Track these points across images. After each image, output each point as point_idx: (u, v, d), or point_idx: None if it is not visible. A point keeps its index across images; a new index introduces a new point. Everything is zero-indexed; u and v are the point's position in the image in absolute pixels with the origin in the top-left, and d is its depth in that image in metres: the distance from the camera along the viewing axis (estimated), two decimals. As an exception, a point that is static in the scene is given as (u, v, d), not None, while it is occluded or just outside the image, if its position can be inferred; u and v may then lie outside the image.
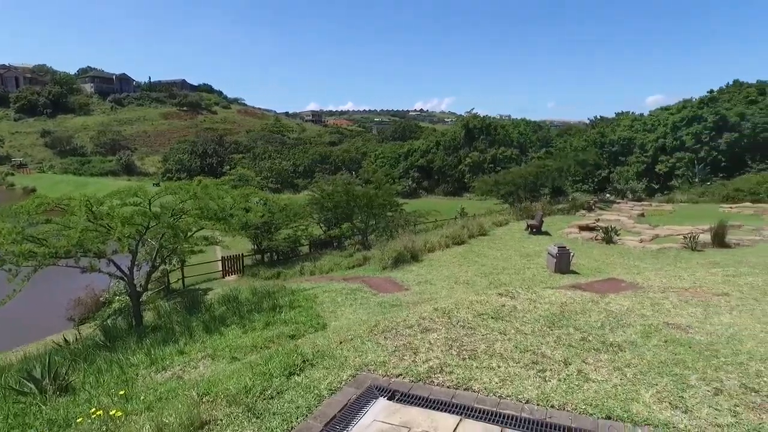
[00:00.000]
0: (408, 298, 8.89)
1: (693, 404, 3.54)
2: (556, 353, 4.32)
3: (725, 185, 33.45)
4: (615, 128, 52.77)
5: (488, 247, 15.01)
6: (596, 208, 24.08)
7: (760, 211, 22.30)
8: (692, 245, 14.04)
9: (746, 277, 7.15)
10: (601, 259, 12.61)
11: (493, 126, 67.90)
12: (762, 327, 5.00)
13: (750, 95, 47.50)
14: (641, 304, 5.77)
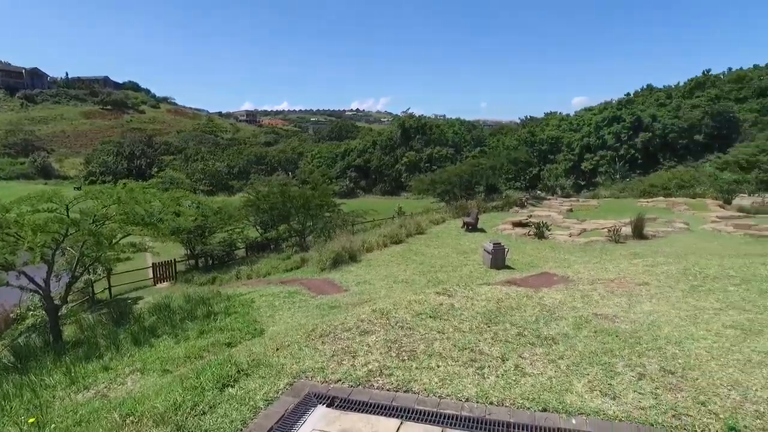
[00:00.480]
0: (347, 299, 8.80)
1: (620, 390, 3.70)
2: (493, 349, 4.39)
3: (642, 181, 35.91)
4: (544, 128, 55.23)
5: (426, 245, 15.19)
6: (528, 205, 25.02)
7: (671, 204, 24.08)
8: (615, 238, 14.89)
9: (662, 266, 7.63)
10: (534, 254, 13.08)
11: (428, 126, 69.11)
12: (677, 312, 5.33)
13: (660, 99, 51.29)
14: (572, 296, 6.01)
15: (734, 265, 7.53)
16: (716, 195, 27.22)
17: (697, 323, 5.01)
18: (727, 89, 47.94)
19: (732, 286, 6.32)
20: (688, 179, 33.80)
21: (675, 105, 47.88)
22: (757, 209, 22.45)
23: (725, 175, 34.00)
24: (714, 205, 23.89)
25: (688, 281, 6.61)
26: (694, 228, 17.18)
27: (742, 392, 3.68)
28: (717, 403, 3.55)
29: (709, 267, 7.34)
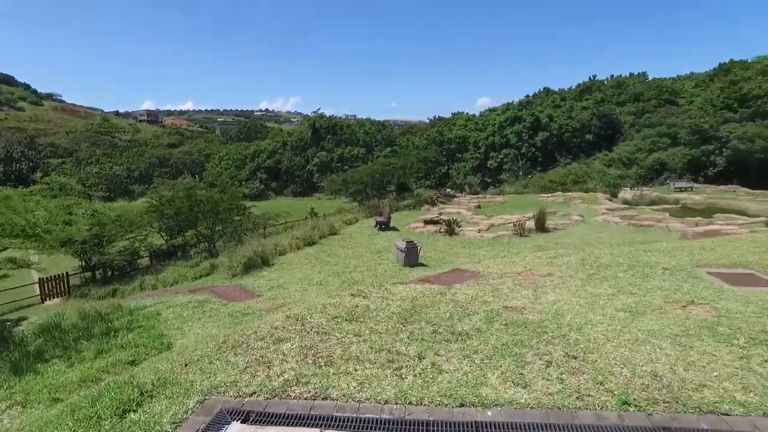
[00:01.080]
0: (260, 305, 8.53)
1: (530, 379, 3.89)
2: (410, 349, 4.44)
3: (542, 177, 38.41)
4: (452, 127, 57.26)
5: (339, 246, 15.14)
6: (439, 203, 25.79)
7: (568, 198, 25.98)
8: (521, 232, 15.76)
9: (563, 257, 8.19)
10: (445, 251, 13.49)
11: (339, 126, 69.05)
12: (577, 300, 5.73)
13: (555, 101, 55.22)
14: (483, 291, 6.25)
15: (622, 253, 8.26)
16: (605, 189, 29.80)
17: (594, 309, 5.42)
18: (609, 93, 52.65)
19: (621, 273, 6.91)
20: (581, 175, 36.69)
21: (568, 107, 51.79)
22: (637, 201, 24.90)
23: (611, 171, 37.33)
24: (603, 199, 26.12)
25: (585, 270, 7.13)
26: (588, 220, 18.65)
27: (631, 369, 4.03)
28: (612, 381, 3.85)
29: (602, 256, 7.98)
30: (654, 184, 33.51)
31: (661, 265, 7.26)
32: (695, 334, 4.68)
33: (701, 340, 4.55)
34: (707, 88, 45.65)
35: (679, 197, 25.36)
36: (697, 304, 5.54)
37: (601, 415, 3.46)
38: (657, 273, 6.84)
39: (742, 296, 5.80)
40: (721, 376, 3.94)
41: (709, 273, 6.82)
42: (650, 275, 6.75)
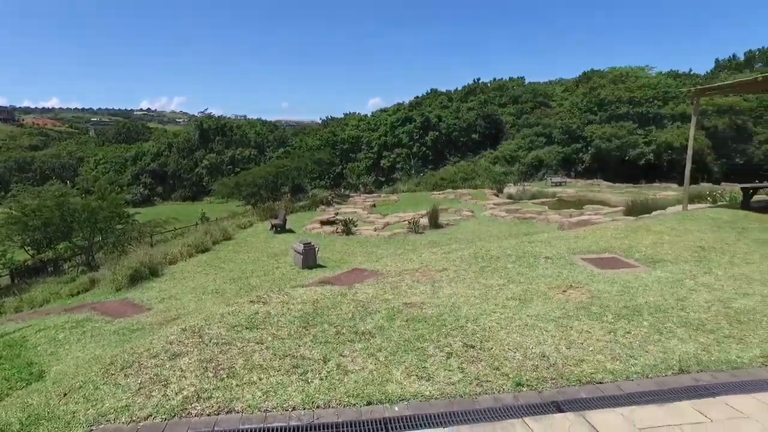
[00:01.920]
0: (151, 319, 7.95)
1: (433, 371, 4.05)
2: (314, 352, 4.40)
3: (434, 175, 40.02)
4: (344, 128, 57.54)
5: (234, 251, 14.59)
6: (334, 203, 25.83)
7: (459, 195, 27.33)
8: (416, 229, 16.28)
9: (457, 252, 8.60)
10: (344, 251, 13.54)
11: (229, 126, 66.43)
12: (472, 293, 6.07)
13: (443, 101, 57.80)
14: (383, 289, 6.37)
15: (510, 245, 8.87)
16: (491, 186, 31.80)
17: (487, 300, 5.77)
18: (492, 95, 56.23)
19: (510, 264, 7.43)
20: (470, 173, 38.80)
21: (455, 107, 54.44)
22: (520, 196, 26.89)
23: (497, 168, 39.94)
24: (491, 194, 27.84)
25: (478, 263, 7.56)
26: (477, 215, 19.77)
27: (523, 352, 4.36)
28: (507, 365, 4.13)
29: (492, 249, 8.51)
30: (534, 180, 36.43)
31: (544, 254, 7.91)
32: (574, 315, 5.18)
33: (579, 320, 5.04)
34: (573, 93, 50.51)
35: (555, 191, 27.80)
36: (574, 288, 6.13)
37: (498, 397, 3.71)
38: (540, 262, 7.45)
39: (609, 278, 6.52)
40: (595, 349, 4.40)
41: (582, 259, 7.58)
42: (535, 264, 7.33)
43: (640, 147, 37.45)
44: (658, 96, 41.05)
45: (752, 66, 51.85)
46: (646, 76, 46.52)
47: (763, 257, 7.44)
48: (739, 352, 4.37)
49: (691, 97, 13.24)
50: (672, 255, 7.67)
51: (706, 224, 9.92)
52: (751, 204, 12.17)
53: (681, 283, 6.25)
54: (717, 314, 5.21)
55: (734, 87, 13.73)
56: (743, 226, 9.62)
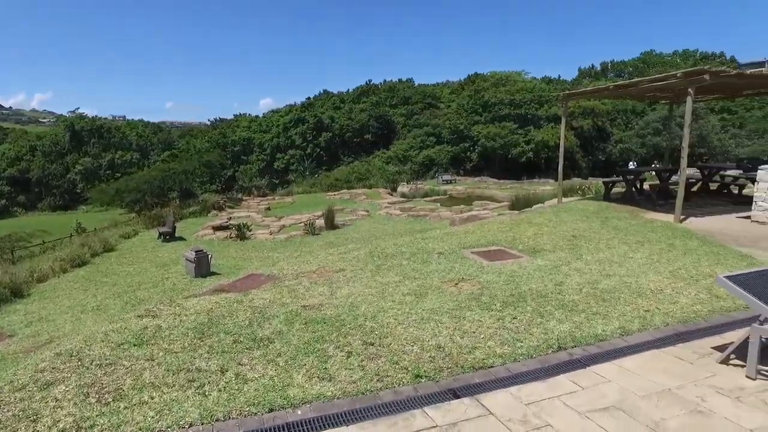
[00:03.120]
0: (15, 346, 7.10)
1: (334, 371, 4.08)
2: (211, 364, 4.23)
3: (328, 176, 40.07)
4: (235, 129, 55.55)
5: (118, 263, 13.49)
6: (227, 207, 24.86)
7: (354, 195, 27.64)
8: (312, 230, 16.19)
9: (353, 252, 8.71)
10: (239, 256, 13.11)
11: (106, 128, 61.14)
12: (369, 291, 6.19)
13: (335, 102, 58.00)
14: (281, 293, 6.27)
15: (404, 242, 9.16)
16: (386, 185, 32.56)
17: (384, 297, 5.91)
18: (384, 97, 57.54)
19: (405, 261, 7.68)
20: (364, 172, 39.39)
21: (348, 108, 54.91)
22: (413, 194, 27.83)
23: (390, 168, 40.99)
24: (385, 194, 28.49)
25: (374, 262, 7.71)
26: (373, 214, 20.13)
27: (420, 345, 4.54)
28: (405, 359, 4.28)
29: (387, 247, 8.72)
30: (426, 178, 37.93)
31: (437, 250, 8.28)
32: (466, 306, 5.49)
33: (471, 311, 5.36)
34: (460, 95, 53.32)
35: (446, 189, 29.17)
36: (466, 280, 6.50)
37: (399, 391, 3.83)
38: (434, 258, 7.79)
39: (496, 269, 7.00)
40: (486, 336, 4.72)
41: (472, 253, 8.05)
42: (428, 260, 7.65)
43: (520, 146, 40.55)
44: (535, 99, 44.75)
45: (606, 74, 58.54)
46: (523, 80, 50.50)
47: (621, 242, 8.45)
48: (603, 326, 4.94)
49: (560, 100, 14.62)
50: (550, 244, 8.42)
51: (577, 215, 11.01)
52: (611, 196, 13.73)
53: (558, 270, 6.89)
54: (587, 295, 5.83)
55: (593, 92, 15.40)
56: (606, 216, 10.83)
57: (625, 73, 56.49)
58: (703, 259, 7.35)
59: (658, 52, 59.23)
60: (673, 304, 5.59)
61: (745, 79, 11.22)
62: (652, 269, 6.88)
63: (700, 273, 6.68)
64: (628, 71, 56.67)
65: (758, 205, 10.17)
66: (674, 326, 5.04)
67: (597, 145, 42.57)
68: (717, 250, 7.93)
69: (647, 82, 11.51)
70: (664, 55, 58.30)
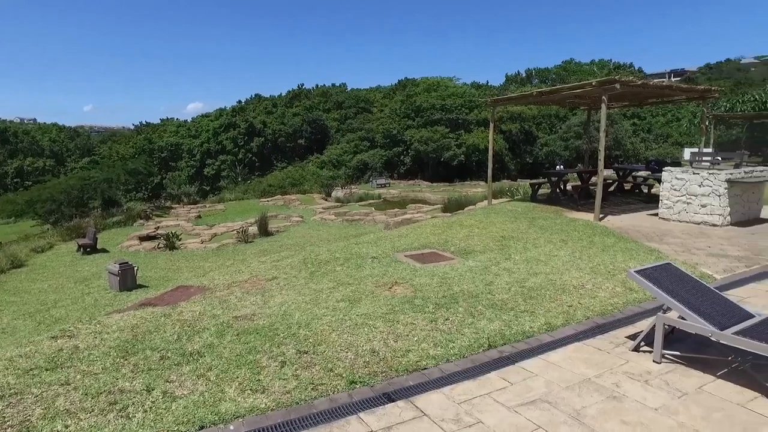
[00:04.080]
0: None
1: (268, 382, 3.99)
2: (136, 383, 4.01)
3: (261, 182, 39.24)
4: (162, 134, 53.17)
5: (29, 280, 12.51)
6: (154, 216, 23.74)
7: (288, 201, 27.25)
8: (245, 238, 15.80)
9: (287, 259, 8.58)
10: (167, 267, 12.55)
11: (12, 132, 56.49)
12: (303, 298, 6.12)
13: (267, 107, 56.97)
14: (211, 305, 6.06)
15: (338, 248, 9.14)
16: (320, 190, 32.32)
17: (318, 304, 5.87)
18: (317, 101, 57.19)
19: (339, 267, 7.66)
20: (298, 178, 38.91)
21: (280, 113, 54.05)
22: (348, 199, 27.82)
23: (324, 173, 40.76)
24: (319, 199, 28.29)
25: (307, 269, 7.64)
26: (307, 220, 19.93)
27: (354, 351, 4.55)
28: (340, 366, 4.27)
29: (321, 253, 8.67)
30: (360, 182, 38.01)
31: (371, 254, 8.33)
32: (400, 310, 5.56)
33: (404, 314, 5.43)
34: (392, 100, 53.94)
35: (380, 192, 29.36)
36: (399, 284, 6.58)
37: (334, 398, 3.81)
38: (368, 262, 7.83)
39: (429, 271, 7.14)
40: (419, 339, 4.80)
41: (406, 256, 8.16)
42: (362, 265, 7.67)
43: (452, 149, 41.59)
44: (465, 104, 46.09)
45: (532, 81, 61.50)
46: (454, 85, 51.91)
47: (546, 241, 8.88)
48: (530, 323, 5.17)
49: (489, 105, 15.19)
50: (481, 245, 8.70)
51: (506, 216, 11.45)
52: (537, 197, 14.41)
53: (488, 270, 7.14)
54: (515, 294, 6.08)
55: (519, 98, 16.12)
56: (533, 216, 11.34)
57: (549, 79, 59.57)
58: (618, 255, 7.87)
59: (577, 61, 63.02)
60: (593, 298, 5.95)
61: (648, 88, 12.19)
62: (575, 266, 7.28)
63: (616, 268, 7.14)
64: (551, 78, 59.82)
65: (663, 203, 11.04)
66: (594, 319, 5.36)
67: (524, 148, 44.49)
68: (631, 246, 8.52)
69: (567, 90, 12.20)
70: (582, 64, 62.03)
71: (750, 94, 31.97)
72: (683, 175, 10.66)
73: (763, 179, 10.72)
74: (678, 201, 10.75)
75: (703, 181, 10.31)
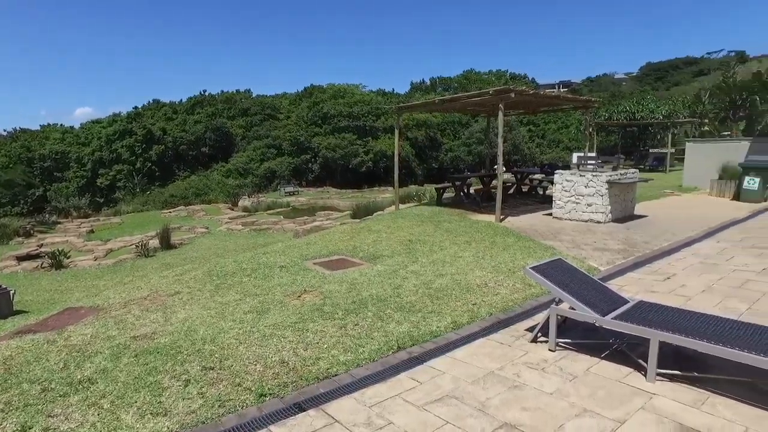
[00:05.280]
0: None
1: (171, 403, 3.77)
2: (7, 424, 3.59)
3: (162, 192, 37.08)
4: (44, 141, 48.32)
5: None
6: (36, 233, 21.55)
7: (192, 212, 25.99)
8: (145, 252, 14.82)
9: (190, 272, 8.16)
10: (53, 289, 11.42)
11: None
12: (208, 312, 5.85)
13: (167, 113, 53.97)
14: (105, 326, 5.60)
15: (245, 258, 8.86)
16: (226, 199, 31.18)
17: (225, 317, 5.65)
18: (221, 108, 55.06)
19: (246, 278, 7.42)
20: (202, 187, 37.25)
21: (181, 119, 51.35)
22: (256, 207, 27.10)
23: (230, 181, 39.37)
24: (226, 208, 27.29)
25: (213, 281, 7.32)
26: (213, 230, 19.12)
27: (263, 363, 4.43)
28: (249, 379, 4.13)
29: (227, 265, 8.35)
30: (268, 191, 37.19)
31: (279, 263, 8.16)
32: (309, 318, 5.50)
33: (314, 322, 5.38)
34: (299, 106, 53.38)
35: (289, 200, 28.91)
36: (308, 292, 6.50)
37: (243, 413, 3.68)
38: (276, 272, 7.66)
39: (338, 278, 7.14)
40: (329, 346, 4.78)
41: (315, 263, 8.09)
42: (270, 275, 7.50)
43: (360, 156, 41.96)
44: (372, 111, 46.72)
45: (436, 89, 63.89)
46: (361, 93, 52.48)
47: (452, 243, 9.24)
48: (438, 323, 5.34)
49: (394, 112, 15.54)
50: (389, 250, 8.85)
51: (413, 220, 11.75)
52: (443, 201, 14.95)
53: (396, 274, 7.27)
54: (423, 295, 6.25)
55: (422, 106, 16.66)
56: (438, 219, 11.74)
57: (452, 88, 62.16)
58: (518, 253, 8.38)
59: (477, 71, 66.42)
60: (496, 295, 6.27)
61: (539, 97, 13.17)
62: (478, 266, 7.64)
63: (516, 265, 7.59)
64: (454, 86, 62.45)
65: (556, 204, 11.94)
66: (497, 315, 5.65)
67: (430, 154, 45.98)
68: (529, 244, 9.10)
69: (467, 98, 12.82)
70: (482, 73, 65.49)
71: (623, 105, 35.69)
72: (572, 178, 11.59)
73: (635, 180, 11.95)
74: (568, 201, 11.66)
75: (588, 182, 11.28)
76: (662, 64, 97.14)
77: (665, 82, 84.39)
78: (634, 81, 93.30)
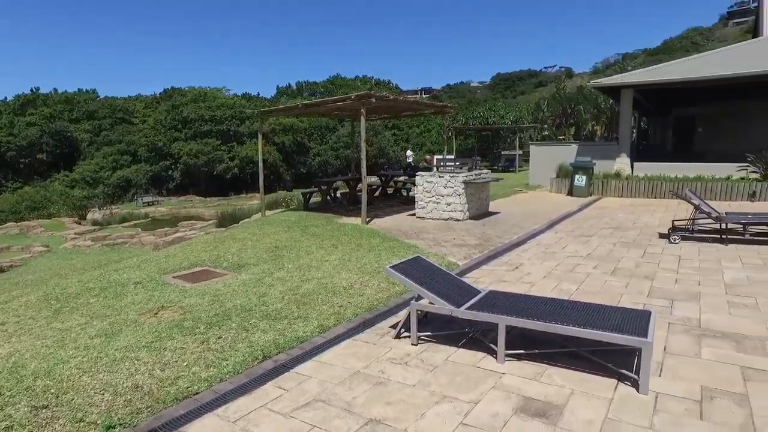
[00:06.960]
0: None
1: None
2: None
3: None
4: None
5: None
6: None
7: (27, 228, 22.77)
8: (-38, 279, 12.65)
9: (21, 298, 7.14)
10: None
11: None
12: (42, 342, 5.17)
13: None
14: None
15: (93, 277, 7.99)
16: (71, 212, 27.83)
17: (65, 345, 5.03)
18: (60, 109, 49.01)
19: (93, 298, 6.70)
20: (40, 200, 32.77)
21: (8, 122, 44.69)
22: (108, 220, 24.63)
23: (76, 192, 35.24)
24: (71, 223, 24.36)
25: (51, 306, 6.48)
26: (55, 249, 16.96)
27: (113, 391, 4.03)
28: (94, 411, 3.73)
29: (69, 286, 7.46)
30: (123, 201, 33.98)
31: (132, 280, 7.49)
32: (167, 335, 5.12)
33: (173, 339, 5.03)
34: (156, 110, 49.60)
35: (148, 211, 26.72)
36: (167, 308, 6.06)
37: (83, 451, 3.31)
38: (129, 289, 7.02)
39: (200, 291, 6.76)
40: (190, 363, 4.50)
41: (174, 277, 7.57)
42: (123, 293, 6.85)
43: (225, 162, 40.23)
44: (236, 115, 45.05)
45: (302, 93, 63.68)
46: (223, 96, 50.31)
47: (318, 247, 9.26)
48: (304, 328, 5.31)
49: (258, 117, 15.14)
50: (254, 258, 8.60)
51: (280, 226, 11.55)
52: (309, 205, 14.92)
53: (262, 282, 7.09)
54: (289, 302, 6.17)
55: (286, 110, 16.44)
56: (305, 225, 11.69)
57: (318, 93, 62.45)
58: (383, 253, 8.66)
59: (343, 76, 67.50)
60: (361, 296, 6.41)
61: (399, 102, 13.80)
62: (345, 268, 7.75)
63: (381, 265, 7.83)
64: (320, 91, 62.79)
65: (419, 204, 12.58)
66: (362, 315, 5.78)
67: (298, 159, 45.65)
68: (393, 244, 9.46)
69: (331, 102, 12.96)
70: (348, 79, 66.72)
71: (478, 111, 38.84)
72: (432, 179, 12.30)
73: (488, 180, 13.06)
74: (430, 201, 12.35)
75: (447, 183, 12.06)
76: (510, 75, 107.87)
77: (513, 90, 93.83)
78: (487, 89, 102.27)
